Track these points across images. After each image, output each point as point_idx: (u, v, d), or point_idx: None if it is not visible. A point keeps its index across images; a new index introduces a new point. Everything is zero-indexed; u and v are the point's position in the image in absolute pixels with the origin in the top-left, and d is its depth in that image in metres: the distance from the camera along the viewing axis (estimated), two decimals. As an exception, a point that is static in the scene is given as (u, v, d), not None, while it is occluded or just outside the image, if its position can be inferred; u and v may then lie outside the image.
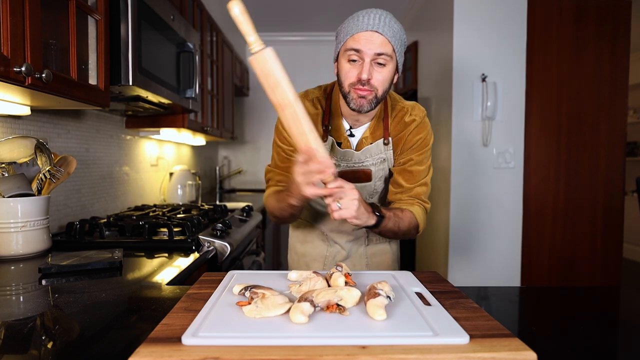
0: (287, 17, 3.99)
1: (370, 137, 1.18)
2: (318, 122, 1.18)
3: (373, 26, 1.01)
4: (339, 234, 1.31)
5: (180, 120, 2.08)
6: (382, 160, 1.19)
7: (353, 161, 1.18)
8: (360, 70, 1.03)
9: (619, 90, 2.54)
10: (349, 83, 1.05)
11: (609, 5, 2.50)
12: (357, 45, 1.02)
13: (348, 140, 1.19)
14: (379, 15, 1.02)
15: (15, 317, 0.76)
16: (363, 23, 1.01)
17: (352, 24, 1.03)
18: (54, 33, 1.16)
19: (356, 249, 1.33)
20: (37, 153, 1.27)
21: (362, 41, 1.01)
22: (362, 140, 1.18)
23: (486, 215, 2.57)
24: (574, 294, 1.01)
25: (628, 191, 4.71)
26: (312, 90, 1.23)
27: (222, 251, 1.48)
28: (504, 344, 0.55)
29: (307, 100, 1.20)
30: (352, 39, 1.03)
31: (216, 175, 4.02)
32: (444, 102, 2.72)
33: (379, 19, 1.01)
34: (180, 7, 2.01)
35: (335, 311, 0.64)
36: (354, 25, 1.03)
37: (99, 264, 1.05)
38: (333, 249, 1.33)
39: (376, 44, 1.01)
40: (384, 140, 1.17)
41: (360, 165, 1.19)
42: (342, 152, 1.18)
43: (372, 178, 1.20)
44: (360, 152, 1.17)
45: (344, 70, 1.06)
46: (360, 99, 1.05)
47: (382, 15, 1.03)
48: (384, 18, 1.02)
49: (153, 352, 0.51)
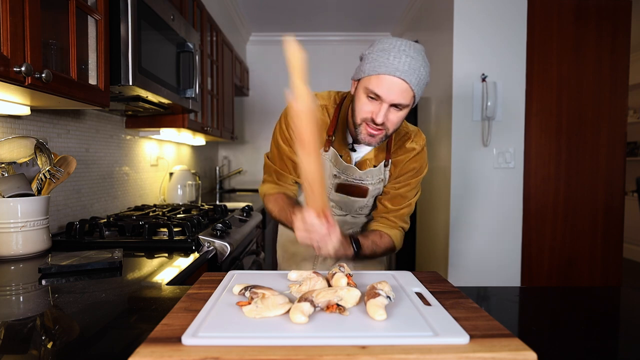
0: (287, 17, 3.99)
1: (374, 159, 1.21)
2: (323, 130, 1.18)
3: (402, 73, 0.97)
4: None
5: (180, 120, 2.08)
6: (380, 180, 1.22)
7: (353, 177, 1.21)
8: (377, 111, 1.02)
9: (619, 90, 2.54)
10: (362, 118, 1.05)
11: (609, 5, 2.50)
12: (378, 90, 0.99)
13: (349, 155, 1.20)
14: (410, 59, 0.97)
15: (15, 317, 0.76)
16: (392, 65, 0.97)
17: (381, 62, 0.98)
18: (54, 33, 1.16)
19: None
20: (37, 153, 1.27)
21: (384, 86, 0.98)
22: (366, 162, 1.20)
23: (486, 216, 2.57)
24: (574, 294, 1.01)
25: (628, 191, 4.71)
26: (322, 95, 1.22)
27: (222, 251, 1.48)
28: (504, 344, 0.55)
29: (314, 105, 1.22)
30: (377, 79, 0.99)
31: (216, 175, 4.02)
32: (444, 102, 2.72)
33: (409, 65, 0.97)
34: (180, 7, 2.01)
35: (335, 311, 0.64)
36: (382, 64, 0.98)
37: (98, 264, 1.05)
38: None
39: (397, 93, 0.98)
40: (384, 162, 1.20)
41: (359, 183, 1.22)
42: (345, 166, 1.19)
43: (368, 195, 1.24)
44: (363, 172, 1.20)
45: (360, 104, 1.05)
46: (369, 137, 1.07)
47: (413, 59, 0.98)
48: (415, 63, 0.98)
49: (153, 352, 0.51)
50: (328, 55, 4.37)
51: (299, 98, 0.79)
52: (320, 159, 0.85)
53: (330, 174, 1.21)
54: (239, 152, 4.54)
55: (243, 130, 4.54)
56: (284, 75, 3.35)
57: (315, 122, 0.83)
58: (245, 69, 4.13)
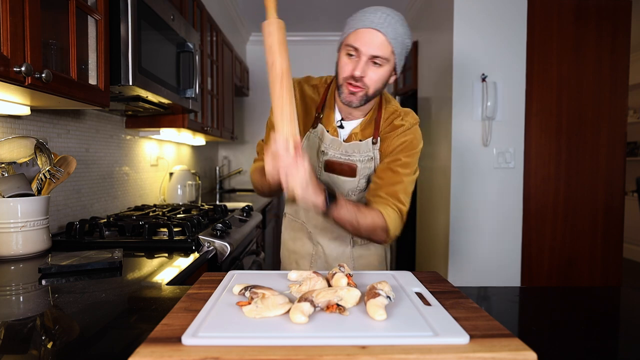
0: (287, 17, 3.98)
1: (360, 133, 1.19)
2: (313, 107, 1.21)
3: (377, 25, 1.00)
4: (321, 231, 1.31)
5: (180, 120, 2.08)
6: (370, 158, 1.19)
7: (340, 151, 1.19)
8: (355, 66, 1.04)
9: (619, 90, 2.54)
10: (344, 77, 1.07)
11: (609, 5, 2.50)
12: (356, 43, 1.02)
13: (336, 130, 1.20)
14: (386, 15, 1.02)
15: (15, 317, 0.76)
16: (367, 20, 1.01)
17: (358, 19, 1.03)
18: (54, 33, 1.16)
19: (342, 250, 1.33)
20: (37, 153, 1.27)
21: (362, 39, 1.02)
22: (352, 135, 1.20)
23: (486, 215, 2.57)
24: (574, 294, 1.01)
25: (628, 191, 4.71)
26: (315, 77, 1.26)
27: (222, 251, 1.48)
28: (504, 344, 0.55)
29: (307, 84, 1.24)
30: (354, 34, 1.03)
31: (216, 175, 4.02)
32: (444, 102, 2.72)
33: (385, 19, 1.01)
34: (180, 7, 2.01)
35: (335, 311, 0.64)
36: (359, 20, 1.03)
37: (98, 264, 1.05)
38: (318, 248, 1.34)
39: (375, 45, 1.01)
40: (372, 139, 1.18)
41: (347, 159, 1.19)
42: (331, 139, 1.19)
43: (357, 174, 1.21)
44: (348, 144, 1.18)
45: (341, 63, 1.08)
46: (350, 94, 1.07)
47: (389, 15, 1.02)
48: (391, 18, 1.02)
49: (153, 352, 0.51)
50: (328, 55, 4.36)
51: (270, 20, 0.87)
52: (290, 85, 0.88)
53: (319, 151, 1.21)
54: (239, 152, 4.54)
55: (243, 130, 4.54)
56: (284, 75, 3.21)
57: (285, 48, 0.88)
58: (245, 69, 4.13)
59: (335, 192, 1.01)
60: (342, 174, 1.21)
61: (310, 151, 1.22)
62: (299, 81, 1.24)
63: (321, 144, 1.20)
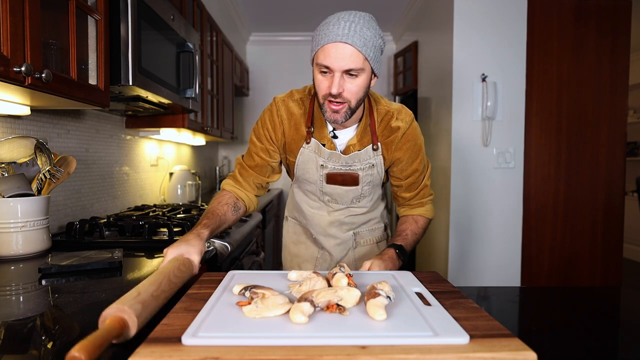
0: (287, 17, 3.99)
1: (358, 144, 1.16)
2: (302, 122, 1.17)
3: (343, 37, 0.95)
4: (326, 237, 1.31)
5: (180, 120, 2.08)
6: (371, 165, 1.18)
7: (340, 163, 1.17)
8: (331, 83, 1.00)
9: (619, 90, 2.54)
10: (322, 95, 1.03)
11: (609, 5, 2.50)
12: (325, 61, 0.98)
13: (332, 142, 1.17)
14: (350, 22, 0.96)
15: (15, 317, 0.76)
16: (332, 33, 0.96)
17: (323, 33, 0.98)
18: (54, 33, 1.16)
19: (345, 252, 1.33)
20: (37, 153, 1.27)
21: (331, 56, 0.97)
22: (349, 147, 1.16)
23: (486, 215, 2.57)
24: (574, 294, 1.01)
25: (628, 191, 4.71)
26: (297, 90, 1.21)
27: (222, 251, 1.48)
28: (504, 344, 0.55)
29: (291, 100, 1.18)
30: (322, 51, 0.98)
31: (216, 175, 4.02)
32: (443, 102, 2.72)
33: (349, 27, 0.95)
34: (180, 7, 2.01)
35: (335, 311, 0.64)
36: (324, 35, 0.97)
37: (98, 264, 1.05)
38: (324, 252, 1.34)
39: (345, 59, 0.96)
40: (372, 146, 1.16)
41: (348, 169, 1.18)
42: (329, 153, 1.16)
43: (360, 182, 1.20)
44: (348, 156, 1.16)
45: (317, 82, 1.04)
46: (334, 113, 1.04)
47: (353, 22, 0.96)
48: (355, 25, 0.96)
49: (153, 352, 0.51)
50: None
51: None
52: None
53: (317, 165, 1.18)
54: (239, 152, 4.53)
55: (243, 130, 4.54)
56: (284, 75, 3.40)
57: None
58: (245, 69, 4.13)
59: (401, 246, 1.14)
60: (344, 184, 1.20)
61: (307, 166, 1.20)
62: (283, 99, 1.19)
63: (319, 158, 1.17)
